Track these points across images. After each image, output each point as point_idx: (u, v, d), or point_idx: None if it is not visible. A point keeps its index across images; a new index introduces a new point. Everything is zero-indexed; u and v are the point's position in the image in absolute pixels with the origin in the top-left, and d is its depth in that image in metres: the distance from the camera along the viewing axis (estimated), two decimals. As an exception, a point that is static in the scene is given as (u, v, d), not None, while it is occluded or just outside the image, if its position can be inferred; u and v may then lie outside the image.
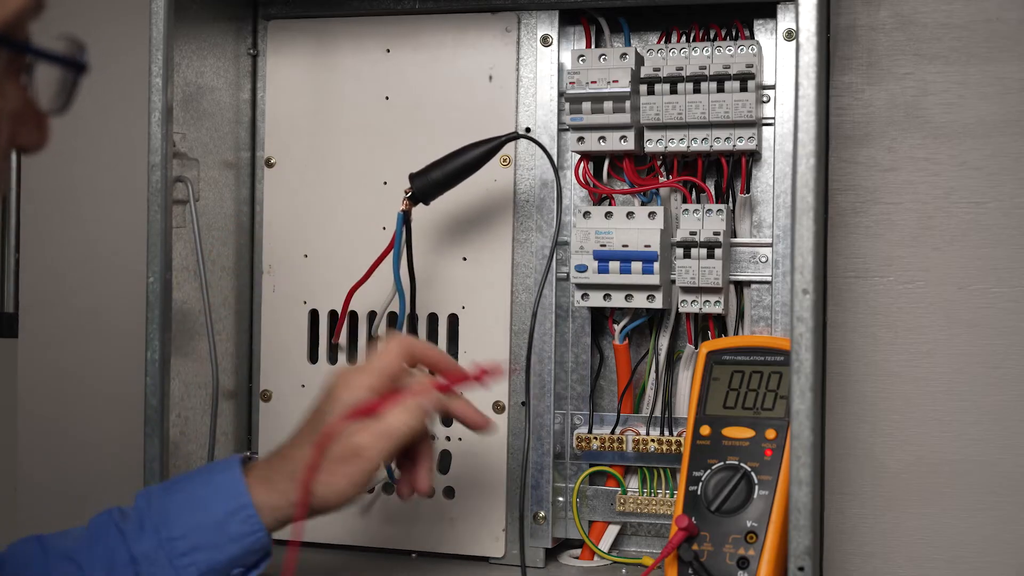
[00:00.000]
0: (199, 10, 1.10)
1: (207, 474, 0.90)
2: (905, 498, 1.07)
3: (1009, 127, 1.05)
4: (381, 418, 0.86)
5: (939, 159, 1.07)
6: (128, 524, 0.87)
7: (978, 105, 1.06)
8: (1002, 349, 1.05)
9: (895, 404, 1.07)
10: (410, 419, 0.87)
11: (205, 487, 0.88)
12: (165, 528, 0.86)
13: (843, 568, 1.08)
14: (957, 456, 1.06)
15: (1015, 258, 1.05)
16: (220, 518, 0.85)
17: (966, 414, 1.06)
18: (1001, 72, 1.05)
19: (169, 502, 0.87)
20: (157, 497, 0.88)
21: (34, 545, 0.88)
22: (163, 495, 0.88)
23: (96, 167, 1.36)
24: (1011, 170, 1.05)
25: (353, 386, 0.88)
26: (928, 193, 1.07)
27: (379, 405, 0.87)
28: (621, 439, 1.06)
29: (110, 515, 0.88)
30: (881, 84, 1.08)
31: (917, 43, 1.07)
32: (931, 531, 1.07)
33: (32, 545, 0.88)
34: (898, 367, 1.07)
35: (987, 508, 1.05)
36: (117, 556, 0.85)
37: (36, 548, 0.87)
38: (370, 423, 0.86)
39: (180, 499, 0.87)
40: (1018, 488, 1.05)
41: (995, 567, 1.05)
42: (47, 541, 0.88)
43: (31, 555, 0.87)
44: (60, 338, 1.37)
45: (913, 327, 1.07)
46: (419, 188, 1.03)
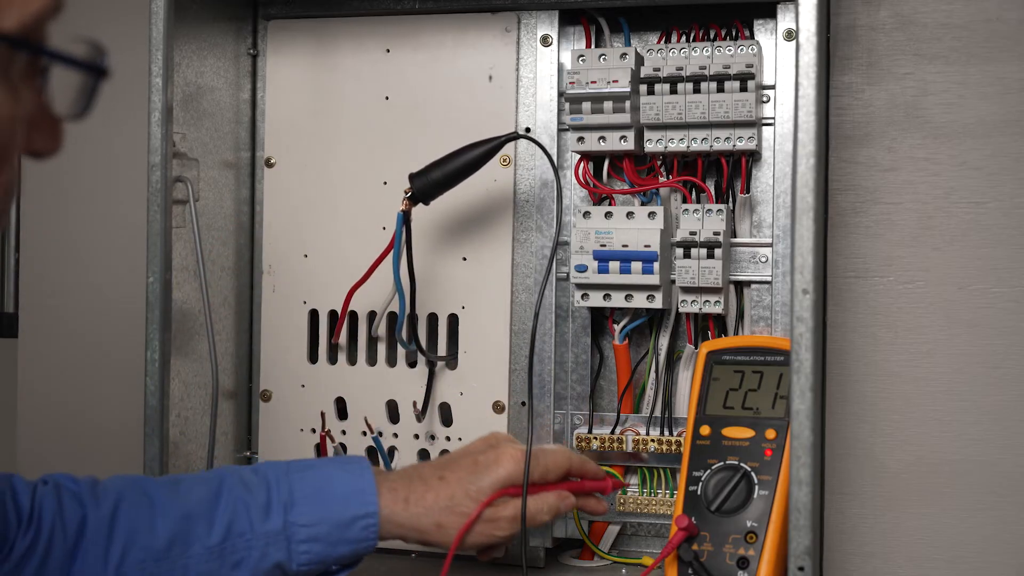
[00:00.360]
0: (199, 10, 1.10)
1: (341, 472, 0.92)
2: (905, 498, 1.07)
3: (1009, 127, 1.05)
4: (532, 499, 0.93)
5: (939, 159, 1.07)
6: (251, 494, 0.89)
7: (978, 105, 1.06)
8: (1002, 349, 1.05)
9: (895, 404, 1.07)
10: (547, 516, 0.95)
11: (339, 484, 0.90)
12: (294, 511, 0.88)
13: (843, 568, 1.08)
14: (957, 456, 1.06)
15: (1015, 258, 1.05)
16: (346, 519, 0.89)
17: (966, 414, 1.06)
18: (1001, 72, 1.05)
19: (299, 486, 0.90)
20: (283, 476, 0.90)
21: (145, 496, 0.88)
22: (290, 477, 0.90)
23: (96, 167, 1.36)
24: (1011, 170, 1.05)
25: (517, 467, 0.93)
26: (928, 193, 1.07)
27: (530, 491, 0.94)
28: (621, 439, 1.06)
29: (231, 475, 0.90)
30: (881, 84, 1.08)
31: (917, 43, 1.07)
32: (931, 531, 1.07)
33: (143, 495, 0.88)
34: (898, 367, 1.07)
35: (987, 508, 1.05)
36: (238, 523, 0.87)
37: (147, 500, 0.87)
38: (514, 503, 0.93)
39: (310, 486, 0.90)
40: (1018, 488, 1.05)
41: (995, 567, 1.05)
42: (159, 493, 0.88)
43: (147, 506, 0.87)
44: (60, 338, 1.37)
45: (913, 327, 1.07)
46: (419, 188, 1.03)
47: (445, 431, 1.11)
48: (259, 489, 0.89)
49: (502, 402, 1.09)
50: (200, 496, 0.88)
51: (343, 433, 1.13)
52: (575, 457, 0.98)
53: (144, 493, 0.88)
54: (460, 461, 0.94)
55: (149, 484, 0.89)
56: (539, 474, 0.94)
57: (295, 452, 1.13)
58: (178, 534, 0.86)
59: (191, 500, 0.88)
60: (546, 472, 0.95)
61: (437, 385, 1.11)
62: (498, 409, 1.09)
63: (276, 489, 0.89)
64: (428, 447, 1.11)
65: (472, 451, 0.95)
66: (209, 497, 0.88)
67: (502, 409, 1.09)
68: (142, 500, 0.87)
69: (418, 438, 1.11)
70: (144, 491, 0.88)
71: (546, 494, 0.95)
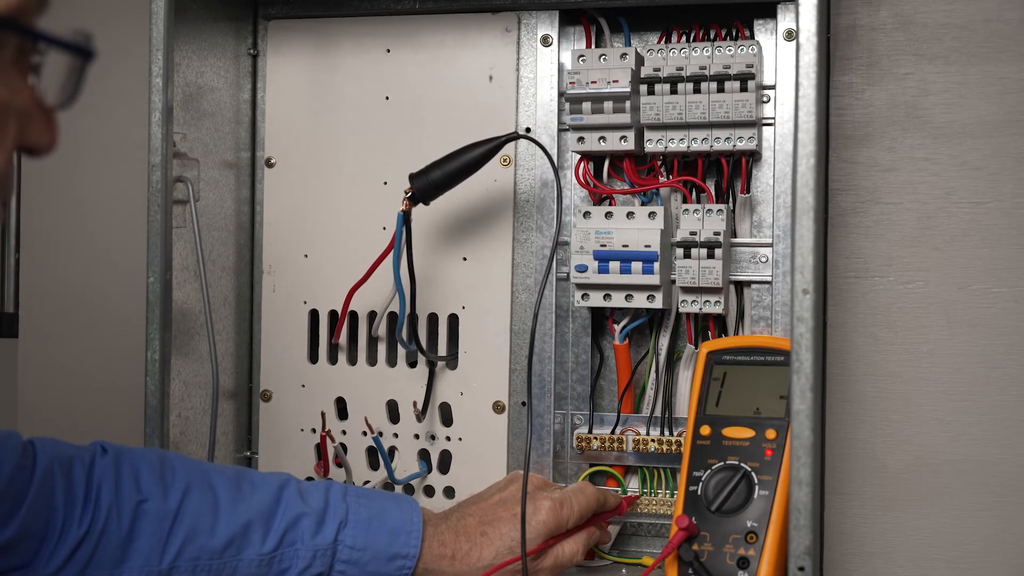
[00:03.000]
0: (199, 10, 1.10)
1: (395, 506, 0.94)
2: (905, 498, 1.07)
3: (1009, 127, 1.05)
4: (562, 547, 0.97)
5: (939, 159, 1.07)
6: (310, 508, 0.90)
7: (978, 105, 1.06)
8: (1002, 349, 1.05)
9: (895, 404, 1.07)
10: (580, 553, 0.99)
11: (391, 519, 0.93)
12: (344, 530, 0.90)
13: (843, 568, 1.08)
14: (957, 456, 1.06)
15: (1015, 258, 1.05)
16: (389, 554, 0.91)
17: (966, 414, 1.06)
18: (1001, 72, 1.05)
19: (353, 507, 0.92)
20: (343, 497, 0.92)
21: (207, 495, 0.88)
22: (347, 499, 0.93)
23: (96, 167, 1.36)
24: (1011, 170, 1.05)
25: (556, 519, 0.96)
26: (928, 193, 1.07)
27: (563, 537, 0.98)
28: (621, 439, 1.06)
29: (291, 489, 0.91)
30: (881, 84, 1.08)
31: (917, 43, 1.07)
32: (931, 531, 1.07)
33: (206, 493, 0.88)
34: (898, 367, 1.07)
35: (987, 508, 1.05)
36: (290, 536, 0.89)
37: (211, 500, 0.88)
38: (555, 551, 0.97)
39: (365, 513, 0.93)
40: (1018, 488, 1.05)
41: (995, 567, 1.05)
42: (219, 488, 0.89)
43: (211, 507, 0.87)
44: (60, 338, 1.37)
45: (913, 327, 1.07)
46: (419, 188, 1.03)
47: (445, 431, 1.11)
48: (317, 502, 0.91)
49: (502, 402, 1.09)
50: (261, 501, 0.90)
51: (343, 433, 1.13)
52: (599, 495, 1.01)
53: (210, 488, 0.88)
54: (500, 514, 0.96)
55: (215, 477, 0.90)
56: (574, 520, 0.98)
57: (295, 452, 1.13)
58: (235, 538, 0.87)
59: (252, 505, 0.89)
60: (580, 517, 0.99)
61: (437, 385, 1.11)
62: (498, 409, 1.09)
63: (334, 507, 0.91)
64: (428, 447, 1.11)
65: (507, 500, 0.98)
66: (269, 503, 0.90)
67: (502, 409, 1.09)
68: (208, 497, 0.88)
69: (418, 438, 1.11)
70: (211, 486, 0.89)
71: (579, 535, 0.99)
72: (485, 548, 0.94)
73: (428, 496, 1.11)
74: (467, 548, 0.94)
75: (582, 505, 0.98)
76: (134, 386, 0.97)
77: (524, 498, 0.93)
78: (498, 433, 1.09)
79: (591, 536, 1.01)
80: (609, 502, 1.02)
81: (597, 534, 1.02)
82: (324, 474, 1.12)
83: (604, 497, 1.02)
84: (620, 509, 1.04)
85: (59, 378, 1.37)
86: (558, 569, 0.97)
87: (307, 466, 1.13)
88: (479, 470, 1.09)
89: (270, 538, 0.88)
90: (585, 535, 0.99)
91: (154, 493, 0.85)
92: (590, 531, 1.00)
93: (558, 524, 0.96)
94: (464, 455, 1.10)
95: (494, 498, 0.99)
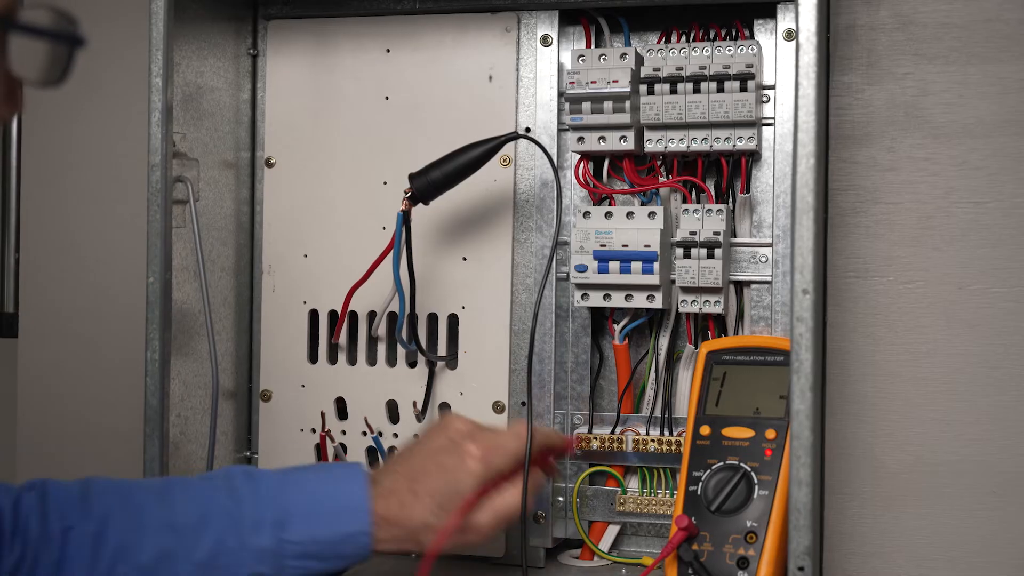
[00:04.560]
0: (199, 10, 1.10)
1: (332, 483, 0.90)
2: (905, 498, 1.07)
3: (1009, 127, 1.05)
4: (502, 496, 0.91)
5: (939, 159, 1.07)
6: (243, 510, 0.87)
7: (978, 105, 1.06)
8: (1002, 349, 1.05)
9: (895, 404, 1.07)
10: (520, 500, 0.92)
11: (333, 501, 0.89)
12: (286, 531, 0.87)
13: (843, 568, 1.08)
14: (957, 456, 1.06)
15: (1015, 258, 1.05)
16: (339, 537, 0.88)
17: (966, 414, 1.06)
18: (1001, 72, 1.05)
19: (289, 500, 0.88)
20: (271, 487, 0.89)
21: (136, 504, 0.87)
22: (281, 489, 0.89)
23: (96, 167, 1.36)
24: (1011, 170, 1.05)
25: (488, 466, 0.90)
26: (928, 193, 1.07)
27: (496, 484, 0.91)
28: (621, 439, 1.06)
29: (219, 494, 0.88)
30: (881, 84, 1.08)
31: (917, 43, 1.07)
32: (931, 531, 1.07)
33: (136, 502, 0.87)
34: (898, 367, 1.07)
35: (987, 508, 1.05)
36: (227, 540, 0.86)
37: (139, 510, 0.86)
38: (493, 502, 0.91)
39: (304, 503, 0.88)
40: (1018, 488, 1.05)
41: (995, 567, 1.05)
42: (144, 504, 0.87)
43: (137, 517, 0.86)
44: (60, 338, 1.37)
45: (913, 327, 1.07)
46: (419, 188, 1.03)
47: (445, 431, 1.10)
48: (250, 503, 0.87)
49: (502, 402, 1.09)
50: (189, 510, 0.87)
51: (343, 433, 1.13)
52: (537, 435, 0.95)
53: (134, 505, 0.86)
54: (427, 467, 0.91)
55: (139, 493, 0.88)
56: (509, 464, 0.92)
57: (295, 452, 1.13)
58: (166, 550, 0.85)
59: (180, 514, 0.86)
60: (515, 460, 0.92)
61: (437, 385, 1.11)
62: (498, 409, 1.09)
63: (269, 504, 0.87)
64: (428, 447, 1.11)
65: (431, 449, 0.92)
66: (199, 511, 0.86)
67: (502, 409, 1.09)
68: (131, 513, 0.86)
69: (418, 438, 1.11)
70: (134, 502, 0.87)
71: (517, 480, 0.92)
72: (416, 508, 0.89)
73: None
74: (397, 510, 0.89)
75: (515, 448, 0.92)
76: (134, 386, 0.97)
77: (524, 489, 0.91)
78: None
79: (535, 482, 0.94)
80: (552, 441, 0.97)
81: (541, 478, 0.96)
82: (324, 474, 1.12)
83: (545, 437, 0.96)
84: (566, 447, 1.00)
85: (59, 378, 1.37)
86: (500, 520, 0.91)
87: (307, 466, 1.13)
88: (479, 470, 1.09)
89: (203, 545, 0.85)
90: (516, 495, 0.92)
91: (78, 519, 0.85)
92: (532, 476, 0.93)
93: (487, 471, 0.90)
94: (464, 455, 1.10)
95: (417, 450, 0.93)
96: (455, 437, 0.92)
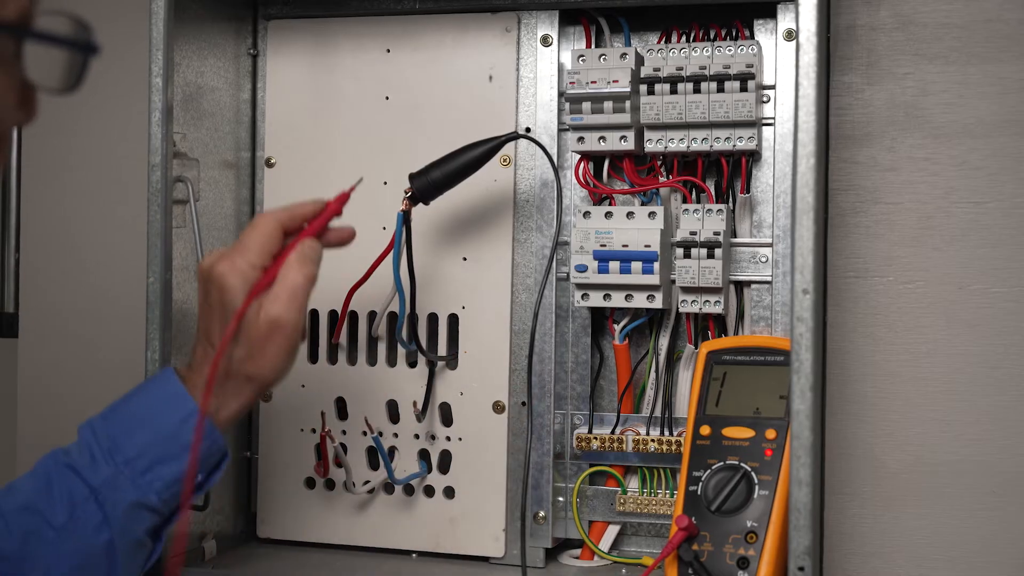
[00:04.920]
0: (199, 10, 1.10)
1: (145, 392, 0.90)
2: (905, 498, 1.07)
3: (1009, 127, 1.05)
4: (280, 282, 0.87)
5: (939, 159, 1.07)
6: (77, 459, 0.87)
7: (978, 105, 1.06)
8: (1002, 349, 1.05)
9: (895, 404, 1.07)
10: (306, 269, 0.88)
11: (148, 404, 0.89)
12: (119, 452, 0.86)
13: (843, 568, 1.08)
14: (957, 456, 1.06)
15: (1015, 258, 1.05)
16: (172, 430, 0.87)
17: (966, 414, 1.06)
18: (1001, 72, 1.05)
19: (115, 427, 0.88)
20: (100, 427, 0.88)
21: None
22: (106, 423, 0.89)
23: (96, 167, 1.36)
24: (1011, 170, 1.05)
25: (240, 269, 0.87)
26: (928, 193, 1.07)
27: (273, 273, 0.88)
28: (621, 439, 1.06)
29: (54, 457, 0.88)
30: (881, 84, 1.08)
31: (917, 43, 1.07)
32: (931, 531, 1.07)
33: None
34: (898, 367, 1.07)
35: (987, 508, 1.05)
36: (76, 492, 0.86)
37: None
38: (275, 291, 0.87)
39: (125, 421, 0.88)
40: (1018, 488, 1.05)
41: (995, 567, 1.05)
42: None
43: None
44: (60, 338, 1.37)
45: (913, 327, 1.07)
46: (419, 188, 1.03)
47: (445, 431, 1.11)
48: (81, 452, 0.87)
49: (502, 402, 1.09)
50: (33, 486, 0.87)
51: (343, 433, 1.13)
52: (280, 213, 0.91)
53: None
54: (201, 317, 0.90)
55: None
56: (256, 254, 0.88)
57: (295, 452, 1.14)
58: (27, 530, 0.85)
59: (25, 494, 0.87)
60: (262, 248, 0.88)
61: (437, 385, 1.11)
62: (498, 409, 1.09)
63: (95, 443, 0.87)
64: (428, 447, 1.11)
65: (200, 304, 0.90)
66: (43, 484, 0.87)
67: (502, 409, 1.09)
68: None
69: (418, 438, 1.11)
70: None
71: (285, 259, 0.88)
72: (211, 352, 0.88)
73: (428, 496, 1.11)
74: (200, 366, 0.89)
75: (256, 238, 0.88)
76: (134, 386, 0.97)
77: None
78: (498, 433, 1.09)
79: (302, 250, 0.89)
80: (303, 212, 0.92)
81: (312, 243, 0.90)
82: (324, 474, 1.12)
83: (289, 213, 0.91)
84: (329, 210, 0.93)
85: (59, 378, 1.37)
86: (293, 296, 0.87)
87: (307, 466, 1.13)
88: (479, 470, 1.09)
89: (58, 508, 0.85)
90: (294, 255, 0.88)
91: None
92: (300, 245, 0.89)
93: (241, 276, 0.87)
94: (464, 455, 1.10)
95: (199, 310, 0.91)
96: (203, 276, 0.90)
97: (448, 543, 1.10)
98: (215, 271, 0.88)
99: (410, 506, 1.11)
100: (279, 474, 1.14)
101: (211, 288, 0.88)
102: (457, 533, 1.10)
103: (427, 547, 1.11)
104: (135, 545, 0.88)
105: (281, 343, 0.87)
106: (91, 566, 0.86)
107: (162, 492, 0.87)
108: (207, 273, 0.89)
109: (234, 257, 0.88)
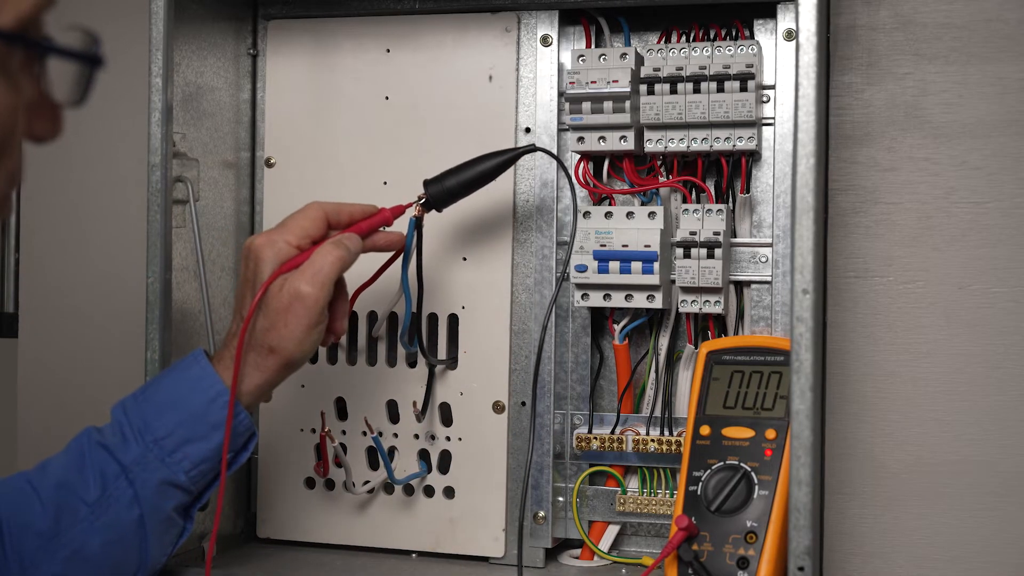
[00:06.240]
0: (199, 10, 1.10)
1: (175, 373, 0.93)
2: (905, 498, 1.07)
3: (1009, 127, 1.05)
4: (309, 260, 0.91)
5: (939, 159, 1.07)
6: (110, 438, 0.91)
7: (978, 105, 1.06)
8: (1002, 349, 1.05)
9: (895, 404, 1.07)
10: (337, 252, 0.92)
11: (178, 385, 0.92)
12: (149, 432, 0.90)
13: (843, 568, 1.08)
14: (957, 456, 1.06)
15: (1015, 258, 1.05)
16: (200, 409, 0.90)
17: (966, 414, 1.06)
18: (1001, 72, 1.05)
19: (146, 407, 0.91)
20: (132, 407, 0.92)
21: (22, 482, 0.90)
22: (137, 404, 0.92)
23: (96, 167, 1.36)
24: (1011, 170, 1.05)
25: (277, 245, 0.92)
26: (928, 193, 1.07)
27: (306, 256, 0.92)
28: (621, 439, 1.06)
29: (88, 436, 0.92)
30: (881, 84, 1.08)
31: (917, 43, 1.07)
32: (931, 531, 1.07)
33: (21, 482, 0.90)
34: (898, 367, 1.07)
35: (987, 508, 1.05)
36: (108, 470, 0.89)
37: (25, 485, 0.90)
38: (302, 267, 0.91)
39: (156, 402, 0.91)
40: (1018, 488, 1.05)
41: (995, 567, 1.05)
42: (32, 477, 0.90)
43: (24, 492, 0.89)
44: (60, 338, 1.37)
45: (913, 327, 1.07)
46: (433, 195, 1.01)
47: (445, 431, 1.11)
48: (114, 431, 0.91)
49: (502, 402, 1.09)
50: (66, 464, 0.90)
51: (343, 433, 1.13)
52: (328, 204, 0.96)
53: (15, 485, 0.90)
54: (238, 295, 0.94)
55: (17, 476, 0.91)
56: (294, 234, 0.93)
57: (295, 452, 1.14)
58: (60, 505, 0.88)
59: (59, 471, 0.90)
60: (303, 230, 0.93)
61: (437, 385, 1.11)
62: (498, 409, 1.09)
63: (127, 423, 0.90)
64: (428, 447, 1.11)
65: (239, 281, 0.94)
66: (76, 461, 0.90)
67: (502, 409, 1.09)
68: (18, 488, 0.89)
69: (418, 438, 1.11)
70: (15, 484, 0.90)
71: (320, 246, 0.92)
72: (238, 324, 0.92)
73: (428, 496, 1.11)
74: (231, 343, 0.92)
75: (305, 218, 0.94)
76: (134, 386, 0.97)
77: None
78: (498, 433, 1.09)
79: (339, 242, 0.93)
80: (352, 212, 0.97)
81: (354, 239, 0.94)
82: (324, 474, 1.12)
83: (336, 208, 0.96)
84: (382, 217, 0.98)
85: (59, 378, 1.37)
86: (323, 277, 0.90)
87: (307, 466, 1.13)
88: (479, 470, 1.09)
89: (92, 485, 0.89)
90: (330, 241, 0.93)
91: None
92: (339, 238, 0.93)
93: (276, 252, 0.91)
94: (464, 455, 1.10)
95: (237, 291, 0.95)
96: (244, 251, 0.94)
97: (448, 543, 1.10)
98: (253, 244, 0.93)
99: (410, 506, 1.11)
100: (279, 474, 1.15)
101: (248, 261, 0.93)
102: (457, 533, 1.10)
103: (427, 547, 1.11)
104: (165, 522, 0.91)
105: (301, 314, 0.90)
106: (123, 541, 0.89)
107: (190, 471, 0.90)
108: (247, 246, 0.94)
109: (272, 234, 0.93)
